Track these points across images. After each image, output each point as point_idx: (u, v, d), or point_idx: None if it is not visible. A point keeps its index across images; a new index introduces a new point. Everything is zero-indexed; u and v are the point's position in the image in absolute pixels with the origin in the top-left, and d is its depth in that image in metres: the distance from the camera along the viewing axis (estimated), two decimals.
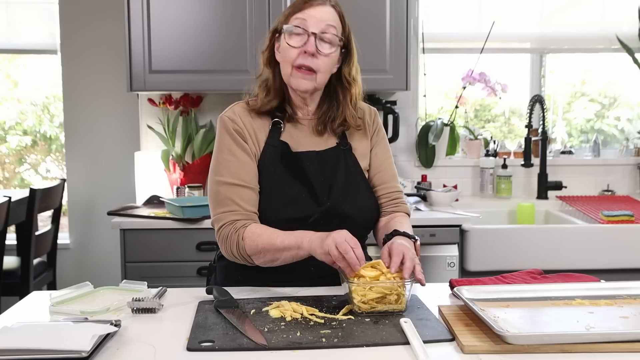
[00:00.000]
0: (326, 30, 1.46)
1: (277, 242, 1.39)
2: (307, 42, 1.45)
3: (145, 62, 2.76)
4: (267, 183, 1.50)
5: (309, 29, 1.45)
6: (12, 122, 3.79)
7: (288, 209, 1.47)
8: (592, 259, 2.53)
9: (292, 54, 1.46)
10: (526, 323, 1.20)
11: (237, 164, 1.49)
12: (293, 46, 1.46)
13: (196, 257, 2.53)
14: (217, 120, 1.56)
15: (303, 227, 1.43)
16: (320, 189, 1.50)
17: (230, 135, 1.51)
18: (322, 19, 1.46)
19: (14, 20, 3.48)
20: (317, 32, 1.45)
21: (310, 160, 1.53)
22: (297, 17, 1.46)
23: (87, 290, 1.43)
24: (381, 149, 1.64)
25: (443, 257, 2.55)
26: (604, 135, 3.50)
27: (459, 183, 3.23)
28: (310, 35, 1.45)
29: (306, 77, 1.47)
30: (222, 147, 1.51)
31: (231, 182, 1.47)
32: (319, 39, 1.45)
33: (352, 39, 1.54)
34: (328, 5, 1.48)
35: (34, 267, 3.11)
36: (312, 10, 1.46)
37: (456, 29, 3.30)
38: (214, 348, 1.09)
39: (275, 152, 1.52)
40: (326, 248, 1.29)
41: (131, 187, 3.19)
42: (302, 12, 1.46)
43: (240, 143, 1.50)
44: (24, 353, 1.04)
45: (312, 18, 1.45)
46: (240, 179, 1.47)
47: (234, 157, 1.49)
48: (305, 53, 1.45)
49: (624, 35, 3.25)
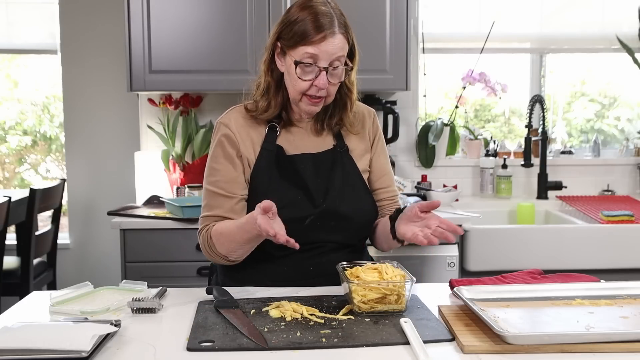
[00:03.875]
0: (336, 63, 1.44)
1: (232, 229, 1.44)
2: (318, 77, 1.43)
3: (145, 62, 2.76)
4: (263, 187, 1.51)
5: (320, 64, 1.43)
6: (12, 122, 3.79)
7: (284, 211, 1.47)
8: (592, 259, 2.53)
9: (302, 85, 1.45)
10: (526, 323, 1.20)
11: (221, 173, 1.52)
12: (304, 79, 1.44)
13: (196, 257, 2.53)
14: (215, 124, 1.58)
15: (299, 228, 1.45)
16: (316, 191, 1.51)
17: (220, 144, 1.53)
18: (333, 52, 1.42)
19: (14, 20, 3.48)
20: (328, 66, 1.44)
21: (305, 162, 1.53)
22: (308, 52, 1.42)
23: (87, 290, 1.43)
24: (382, 153, 1.66)
25: (443, 257, 2.55)
26: (604, 135, 3.50)
27: (459, 183, 3.23)
28: (321, 71, 1.43)
29: (317, 104, 1.49)
30: (212, 154, 1.55)
31: (214, 190, 1.52)
32: (329, 72, 1.44)
33: (355, 46, 1.51)
34: (338, 34, 1.43)
35: (34, 267, 3.11)
36: (324, 44, 1.41)
37: (456, 29, 3.30)
38: (214, 348, 1.09)
39: (270, 156, 1.53)
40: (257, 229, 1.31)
41: (131, 187, 3.19)
42: (314, 47, 1.41)
43: (228, 153, 1.52)
44: (24, 353, 1.04)
45: (324, 53, 1.42)
46: (222, 188, 1.51)
47: (220, 166, 1.52)
48: (315, 86, 1.45)
49: (624, 35, 3.25)
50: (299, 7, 1.45)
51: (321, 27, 1.41)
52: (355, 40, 1.51)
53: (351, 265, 1.37)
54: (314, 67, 1.43)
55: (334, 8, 1.46)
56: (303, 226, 1.47)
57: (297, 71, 1.44)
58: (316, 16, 1.42)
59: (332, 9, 1.45)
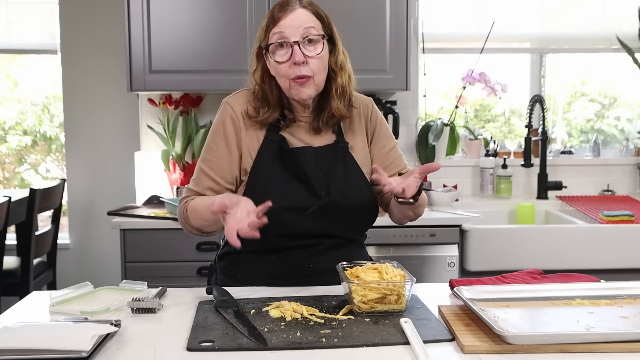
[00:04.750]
0: (306, 33, 1.44)
1: (200, 203, 1.48)
2: (292, 53, 1.44)
3: (145, 62, 2.76)
4: (264, 176, 1.51)
5: (289, 39, 1.44)
6: (12, 122, 3.79)
7: (286, 200, 1.47)
8: (592, 259, 2.53)
9: (283, 68, 1.46)
10: (526, 323, 1.20)
11: (215, 154, 1.53)
12: (281, 61, 1.45)
13: (196, 257, 2.53)
14: (221, 103, 1.57)
15: (301, 217, 1.46)
16: (318, 184, 1.51)
17: (222, 124, 1.54)
18: (298, 24, 1.44)
19: (14, 20, 3.48)
20: (299, 39, 1.44)
21: (307, 155, 1.53)
22: (275, 32, 1.45)
23: (87, 290, 1.43)
24: (386, 140, 1.63)
25: (443, 257, 2.55)
26: (604, 135, 3.50)
27: (459, 183, 3.23)
28: (293, 45, 1.44)
29: (304, 84, 1.47)
30: (213, 131, 1.56)
31: (204, 169, 1.54)
32: (303, 45, 1.44)
33: (333, 28, 1.52)
34: (299, 8, 1.45)
35: (34, 267, 3.11)
36: (286, 19, 1.44)
37: (456, 29, 3.30)
38: (214, 348, 1.09)
39: (274, 145, 1.52)
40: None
41: (131, 187, 3.19)
42: (277, 25, 1.44)
43: (228, 135, 1.53)
44: (24, 353, 1.04)
45: (289, 28, 1.43)
46: (212, 169, 1.53)
47: (216, 147, 1.54)
48: (295, 64, 1.44)
49: (624, 35, 3.25)
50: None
51: (282, 6, 1.46)
52: (334, 28, 1.52)
53: (351, 265, 1.37)
54: (286, 46, 1.44)
55: None
56: (304, 215, 1.47)
57: (272, 55, 1.46)
58: (281, 3, 1.47)
59: None
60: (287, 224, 1.47)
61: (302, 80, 1.46)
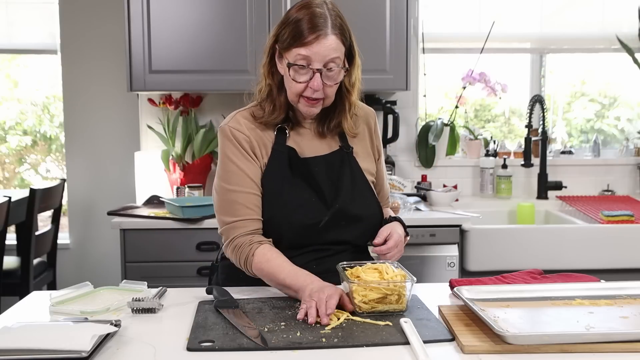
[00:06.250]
0: (330, 63, 1.43)
1: (280, 277, 1.40)
2: (312, 78, 1.43)
3: (145, 62, 2.76)
4: (276, 188, 1.50)
5: (313, 66, 1.42)
6: (12, 122, 3.79)
7: (298, 213, 1.48)
8: (592, 259, 2.53)
9: (297, 87, 1.45)
10: (526, 323, 1.20)
11: (245, 172, 1.49)
12: (298, 82, 1.44)
13: (196, 257, 2.53)
14: (219, 131, 1.55)
15: (314, 232, 1.48)
16: (328, 192, 1.52)
17: (235, 146, 1.51)
18: (325, 54, 1.41)
19: (14, 20, 3.48)
20: (322, 68, 1.42)
21: (319, 165, 1.54)
22: (301, 54, 1.41)
23: (87, 290, 1.43)
24: (381, 159, 1.69)
25: (443, 257, 2.55)
26: (604, 135, 3.50)
27: (459, 183, 3.23)
28: (315, 73, 1.42)
29: (314, 105, 1.48)
30: (230, 157, 1.51)
31: (242, 190, 1.48)
32: (324, 74, 1.43)
33: (354, 47, 1.50)
34: (330, 34, 1.41)
35: (34, 267, 3.11)
36: (316, 46, 1.40)
37: (456, 29, 3.30)
38: (214, 348, 1.09)
39: (283, 157, 1.52)
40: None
41: (131, 187, 3.19)
42: (306, 49, 1.40)
43: (246, 152, 1.51)
44: (24, 353, 1.04)
45: (316, 55, 1.41)
46: (250, 186, 1.49)
47: (243, 165, 1.50)
48: (311, 88, 1.44)
49: (624, 35, 3.25)
50: (296, 9, 1.45)
51: (314, 28, 1.40)
52: (354, 42, 1.50)
53: (351, 265, 1.37)
54: (308, 69, 1.43)
55: (330, 10, 1.45)
56: (317, 230, 1.49)
57: (291, 73, 1.44)
58: (310, 18, 1.41)
59: (328, 10, 1.44)
60: (301, 237, 1.49)
61: (314, 102, 1.47)
